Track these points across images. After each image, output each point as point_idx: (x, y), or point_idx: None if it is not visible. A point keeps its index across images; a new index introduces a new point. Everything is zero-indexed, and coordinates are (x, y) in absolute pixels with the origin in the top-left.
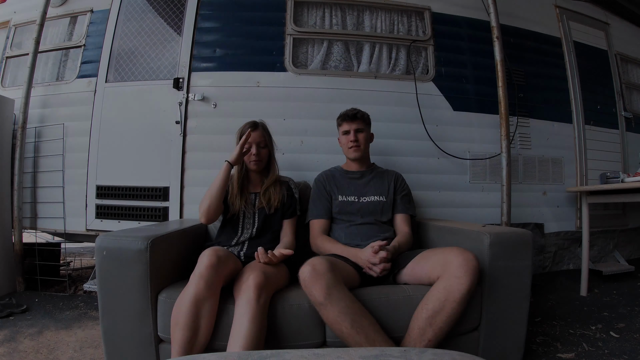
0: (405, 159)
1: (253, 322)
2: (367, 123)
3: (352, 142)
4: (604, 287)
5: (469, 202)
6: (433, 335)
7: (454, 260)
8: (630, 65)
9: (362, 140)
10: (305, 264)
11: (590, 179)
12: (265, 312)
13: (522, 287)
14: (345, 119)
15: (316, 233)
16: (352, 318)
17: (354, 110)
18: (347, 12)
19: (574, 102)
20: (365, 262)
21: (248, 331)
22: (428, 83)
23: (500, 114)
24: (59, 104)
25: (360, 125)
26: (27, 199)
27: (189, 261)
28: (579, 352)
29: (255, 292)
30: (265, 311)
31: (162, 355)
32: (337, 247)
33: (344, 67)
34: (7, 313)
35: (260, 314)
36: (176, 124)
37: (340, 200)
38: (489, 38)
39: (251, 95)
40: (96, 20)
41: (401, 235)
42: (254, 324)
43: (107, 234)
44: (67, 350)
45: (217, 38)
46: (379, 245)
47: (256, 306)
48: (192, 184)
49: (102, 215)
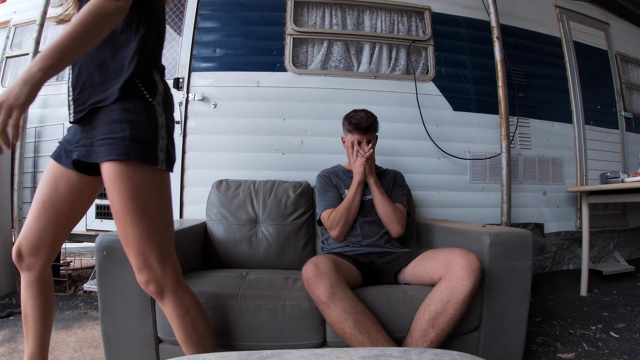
0: (405, 159)
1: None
2: (377, 130)
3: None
4: (604, 287)
5: (469, 202)
6: (435, 336)
7: (457, 262)
8: (630, 65)
9: (369, 145)
10: (308, 263)
11: (590, 179)
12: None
13: (522, 287)
14: (357, 129)
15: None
16: (355, 318)
17: (368, 119)
18: (347, 12)
19: (574, 102)
20: (357, 163)
21: None
22: (428, 83)
23: (500, 114)
24: (59, 104)
25: (372, 136)
26: (27, 199)
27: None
28: (579, 352)
29: None
30: None
31: (162, 355)
32: (343, 202)
33: (344, 67)
34: (7, 313)
35: None
36: (176, 124)
37: (344, 195)
38: (489, 38)
39: (251, 95)
40: None
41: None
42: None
43: (107, 234)
44: (67, 350)
45: (217, 38)
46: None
47: None
48: (192, 184)
49: (102, 215)
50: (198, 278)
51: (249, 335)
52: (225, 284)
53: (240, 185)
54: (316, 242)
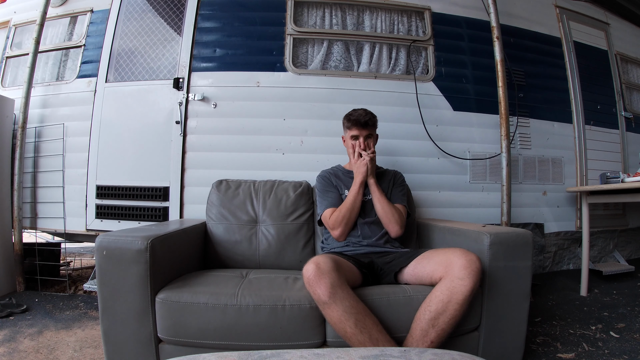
0: (405, 159)
1: None
2: (376, 126)
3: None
4: (604, 287)
5: (469, 202)
6: (436, 336)
7: (457, 262)
8: (630, 65)
9: (371, 147)
10: (309, 262)
11: (590, 179)
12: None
13: (522, 287)
14: (356, 124)
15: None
16: (356, 317)
17: (366, 115)
18: (347, 12)
19: (574, 102)
20: (360, 163)
21: None
22: (428, 83)
23: (500, 114)
24: (59, 104)
25: (371, 130)
26: (27, 198)
27: (189, 261)
28: (579, 352)
29: None
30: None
31: (162, 355)
32: (345, 202)
33: (344, 67)
34: (7, 313)
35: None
36: (176, 124)
37: (345, 196)
38: (489, 38)
39: (251, 95)
40: (96, 20)
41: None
42: None
43: (107, 234)
44: (67, 350)
45: (217, 38)
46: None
47: None
48: (192, 184)
49: (102, 215)
50: (198, 278)
51: (249, 335)
52: (225, 284)
53: (240, 185)
54: (316, 242)
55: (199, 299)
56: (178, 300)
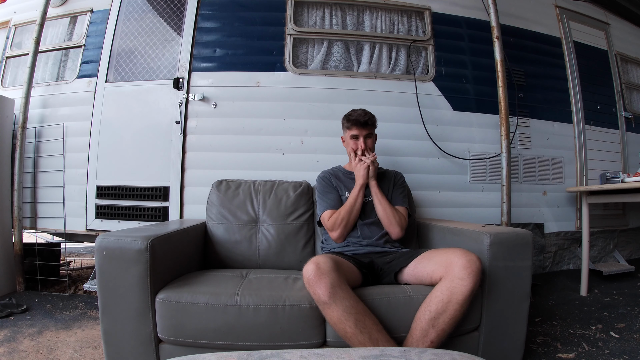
0: (405, 159)
1: None
2: (375, 126)
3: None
4: (604, 287)
5: (469, 202)
6: (436, 336)
7: (457, 262)
8: (630, 65)
9: (371, 146)
10: (309, 262)
11: (590, 179)
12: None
13: (522, 287)
14: (356, 124)
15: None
16: (355, 317)
17: (365, 115)
18: (347, 12)
19: (574, 102)
20: (361, 167)
21: None
22: (428, 83)
23: (500, 114)
24: (59, 104)
25: (370, 130)
26: (27, 199)
27: (189, 261)
28: (579, 352)
29: None
30: None
31: (162, 355)
32: (345, 204)
33: (344, 67)
34: (7, 313)
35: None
36: (176, 124)
37: (345, 197)
38: (489, 38)
39: (251, 95)
40: (96, 20)
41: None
42: None
43: (107, 234)
44: (67, 350)
45: (217, 38)
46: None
47: None
48: (192, 184)
49: (102, 215)
50: (198, 278)
51: (249, 335)
52: (225, 284)
53: (240, 185)
54: (316, 242)
55: (199, 299)
56: (178, 300)
